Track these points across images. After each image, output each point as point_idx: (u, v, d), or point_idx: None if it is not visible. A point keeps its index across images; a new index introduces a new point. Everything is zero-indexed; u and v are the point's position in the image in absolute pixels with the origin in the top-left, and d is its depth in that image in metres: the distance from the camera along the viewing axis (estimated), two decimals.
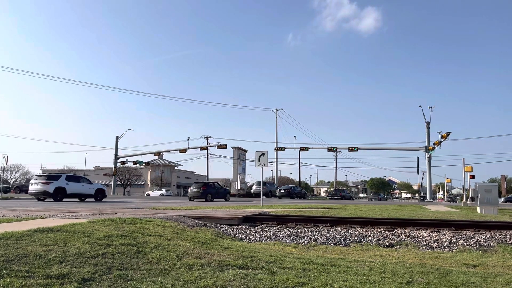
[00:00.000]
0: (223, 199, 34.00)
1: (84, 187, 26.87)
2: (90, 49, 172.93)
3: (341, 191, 67.41)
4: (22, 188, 48.27)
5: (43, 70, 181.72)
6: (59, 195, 24.92)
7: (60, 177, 25.91)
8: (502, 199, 49.10)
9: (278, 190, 49.09)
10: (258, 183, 40.75)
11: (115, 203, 22.66)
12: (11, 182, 76.51)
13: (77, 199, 26.49)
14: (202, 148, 69.18)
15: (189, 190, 34.75)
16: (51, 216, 8.89)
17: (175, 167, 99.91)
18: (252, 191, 39.79)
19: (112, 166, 72.57)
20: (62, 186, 25.15)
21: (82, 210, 12.07)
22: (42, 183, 24.98)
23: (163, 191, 74.41)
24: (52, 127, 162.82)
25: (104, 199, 27.80)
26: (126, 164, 75.60)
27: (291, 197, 47.43)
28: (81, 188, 26.74)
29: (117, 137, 71.57)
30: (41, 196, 25.19)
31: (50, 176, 25.90)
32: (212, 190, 33.36)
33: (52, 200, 24.62)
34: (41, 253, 4.49)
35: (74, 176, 28.08)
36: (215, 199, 32.98)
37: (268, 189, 47.60)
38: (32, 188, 25.30)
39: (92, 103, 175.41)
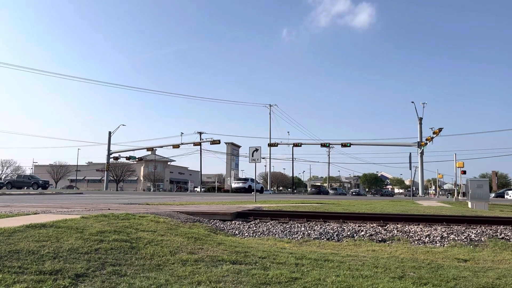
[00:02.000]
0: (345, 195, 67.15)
1: (257, 185, 45.92)
2: (84, 42, 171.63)
3: (380, 190, 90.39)
4: (13, 184, 47.62)
5: (35, 63, 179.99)
6: (249, 190, 47.74)
7: (248, 179, 52.87)
8: (492, 194, 49.55)
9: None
10: (239, 179, 58.57)
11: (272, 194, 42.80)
12: (3, 177, 75.88)
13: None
14: (195, 144, 69.13)
15: (330, 191, 70.82)
16: (44, 212, 8.84)
17: (168, 163, 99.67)
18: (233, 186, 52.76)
19: (105, 161, 72.23)
20: (250, 185, 49.86)
21: (75, 206, 12.01)
22: (242, 183, 52.30)
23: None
24: (45, 122, 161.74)
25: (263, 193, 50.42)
26: (119, 160, 75.33)
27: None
28: (256, 186, 44.70)
29: (109, 132, 71.26)
30: (241, 190, 48.82)
31: (245, 179, 53.79)
32: (340, 191, 66.18)
33: (247, 193, 43.79)
34: (33, 249, 4.47)
35: (252, 179, 50.68)
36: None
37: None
38: (235, 186, 52.83)
39: (85, 98, 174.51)
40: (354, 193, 77.21)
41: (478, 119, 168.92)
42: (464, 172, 37.05)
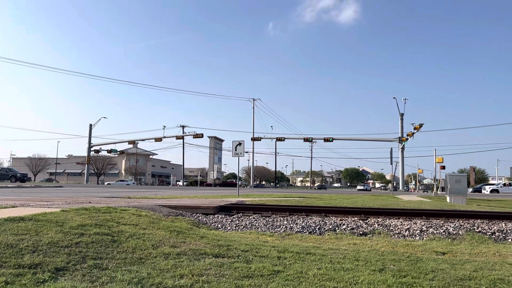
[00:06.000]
0: None
1: (366, 186, 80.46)
2: (64, 31, 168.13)
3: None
4: None
5: (13, 54, 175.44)
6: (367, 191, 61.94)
7: (365, 184, 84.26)
8: (470, 189, 50.59)
9: None
10: (361, 184, 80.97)
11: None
12: None
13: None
14: (178, 137, 68.61)
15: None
16: (22, 205, 8.68)
17: (150, 156, 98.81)
18: None
19: (85, 154, 71.19)
20: (367, 188, 75.37)
21: (55, 199, 11.82)
22: (363, 186, 78.18)
23: None
24: (24, 113, 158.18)
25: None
26: (100, 153, 74.31)
27: None
28: (366, 186, 78.31)
29: (90, 125, 70.20)
30: (363, 191, 56.74)
31: (364, 184, 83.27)
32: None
33: None
34: (12, 243, 4.38)
35: (367, 183, 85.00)
36: None
37: None
38: (358, 188, 72.87)
39: (66, 90, 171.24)
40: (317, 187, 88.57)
41: (457, 115, 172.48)
42: (443, 167, 37.77)
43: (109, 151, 71.82)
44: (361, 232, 8.33)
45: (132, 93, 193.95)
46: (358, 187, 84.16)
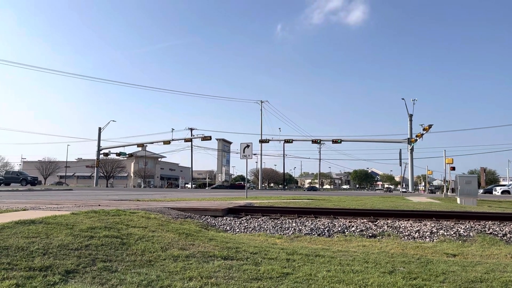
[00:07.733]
0: None
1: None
2: (74, 36, 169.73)
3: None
4: (1, 180, 47.00)
5: (24, 57, 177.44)
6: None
7: (404, 186, 60.14)
8: (481, 190, 50.07)
9: None
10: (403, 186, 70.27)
11: None
12: None
13: None
14: (186, 140, 68.79)
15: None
16: (33, 208, 8.76)
17: (159, 159, 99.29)
18: None
19: (95, 157, 71.71)
20: (405, 190, 55.27)
21: (65, 202, 11.91)
22: (405, 187, 58.75)
23: None
24: (34, 116, 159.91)
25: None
26: (109, 156, 74.84)
27: None
28: (407, 189, 57.29)
29: (99, 128, 70.71)
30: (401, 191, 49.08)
31: (404, 186, 59.25)
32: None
33: None
34: (23, 245, 4.42)
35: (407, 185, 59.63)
36: None
37: None
38: (402, 190, 54.47)
39: (74, 94, 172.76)
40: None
41: (467, 116, 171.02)
42: (453, 169, 37.49)
43: (118, 154, 72.32)
44: (370, 234, 8.27)
45: (141, 96, 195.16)
46: (402, 190, 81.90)
